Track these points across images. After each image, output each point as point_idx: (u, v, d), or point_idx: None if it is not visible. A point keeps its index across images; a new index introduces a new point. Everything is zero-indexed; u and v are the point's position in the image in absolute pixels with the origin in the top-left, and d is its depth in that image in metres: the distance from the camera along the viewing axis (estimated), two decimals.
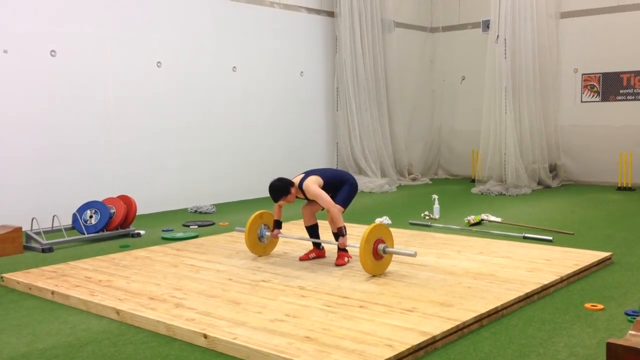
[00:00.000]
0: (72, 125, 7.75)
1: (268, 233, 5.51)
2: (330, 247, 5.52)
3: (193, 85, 9.05)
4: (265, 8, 10.00)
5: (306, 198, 5.18)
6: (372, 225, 4.82)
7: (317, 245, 5.45)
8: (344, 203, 5.12)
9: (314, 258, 5.39)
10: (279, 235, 5.45)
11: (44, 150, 7.49)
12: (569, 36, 11.32)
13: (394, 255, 4.97)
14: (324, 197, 4.99)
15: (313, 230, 5.41)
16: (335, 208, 4.97)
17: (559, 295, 4.42)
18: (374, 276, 4.75)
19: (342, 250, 5.22)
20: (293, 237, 5.77)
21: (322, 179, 5.12)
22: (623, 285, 4.63)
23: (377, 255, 4.76)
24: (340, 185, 5.18)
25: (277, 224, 5.41)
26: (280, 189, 5.08)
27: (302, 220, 5.44)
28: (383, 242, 4.78)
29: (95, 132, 7.98)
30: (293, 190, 5.09)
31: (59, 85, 7.61)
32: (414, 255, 4.79)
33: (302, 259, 5.37)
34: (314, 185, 5.03)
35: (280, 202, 5.17)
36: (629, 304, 4.16)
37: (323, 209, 5.24)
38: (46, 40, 7.49)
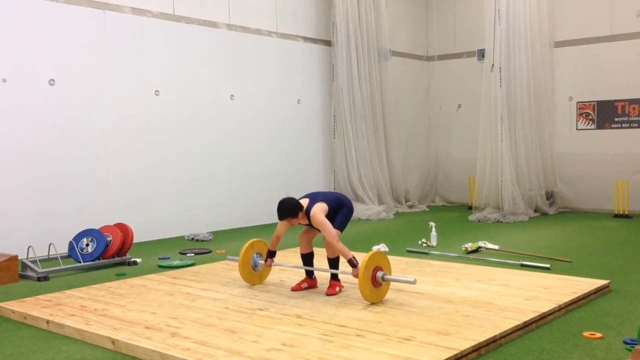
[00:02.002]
0: (70, 154, 7.77)
1: (262, 262, 5.49)
2: (323, 275, 5.49)
3: (191, 113, 9.10)
4: (262, 37, 10.11)
5: (308, 224, 5.14)
6: (371, 252, 4.81)
7: (309, 275, 5.40)
8: (341, 226, 5.09)
9: (306, 288, 5.34)
10: (272, 264, 5.43)
11: (41, 178, 7.49)
12: (564, 65, 11.43)
13: (390, 285, 4.95)
14: (329, 229, 4.93)
15: (308, 259, 5.36)
16: (339, 244, 4.91)
17: (557, 323, 4.40)
18: (372, 304, 4.72)
19: (334, 279, 5.18)
20: (287, 265, 5.75)
21: (327, 205, 5.09)
22: (621, 314, 4.62)
23: (376, 282, 4.74)
24: (338, 209, 5.16)
25: (271, 254, 5.39)
26: (290, 208, 4.98)
27: (299, 247, 5.40)
28: (381, 269, 4.77)
29: (93, 160, 8.00)
30: (300, 215, 5.02)
31: (57, 113, 7.65)
32: (414, 282, 4.77)
33: (294, 289, 5.31)
34: (321, 214, 4.98)
35: (284, 223, 5.09)
36: (627, 333, 4.14)
37: (319, 232, 5.22)
38: (45, 70, 7.54)
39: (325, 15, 11.15)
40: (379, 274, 4.74)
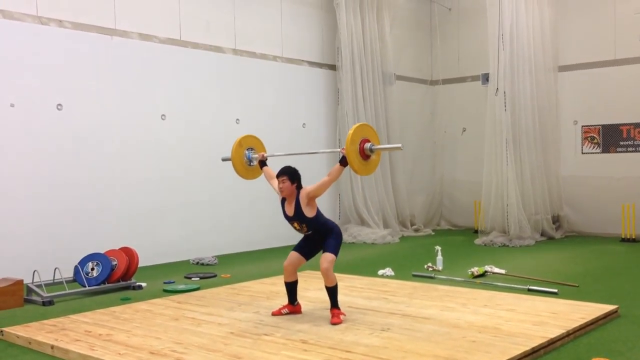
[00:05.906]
0: (76, 178, 7.79)
1: (255, 155, 5.53)
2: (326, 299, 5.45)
3: (197, 137, 9.14)
4: (268, 62, 10.18)
5: (294, 216, 5.05)
6: (356, 125, 4.81)
7: (291, 301, 5.31)
8: (336, 251, 5.03)
9: (286, 314, 5.27)
10: (265, 154, 5.56)
11: (47, 203, 7.51)
12: (568, 89, 11.47)
13: (397, 309, 4.91)
14: (321, 182, 4.98)
15: (292, 287, 5.27)
16: (330, 178, 4.95)
17: (565, 349, 4.36)
18: (383, 330, 4.68)
19: (335, 307, 5.05)
20: (279, 154, 5.75)
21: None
22: (630, 339, 4.57)
23: (364, 155, 4.73)
24: (325, 232, 5.08)
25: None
26: (293, 172, 5.13)
27: (283, 276, 5.28)
28: (369, 141, 4.74)
29: (99, 184, 8.02)
30: (294, 186, 5.10)
31: (64, 138, 7.69)
32: (401, 148, 4.83)
33: (274, 313, 5.27)
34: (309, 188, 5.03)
35: (278, 180, 5.16)
36: (636, 358, 4.10)
37: (306, 261, 5.21)
38: (52, 94, 7.61)
39: (330, 39, 11.25)
40: (367, 145, 4.73)
